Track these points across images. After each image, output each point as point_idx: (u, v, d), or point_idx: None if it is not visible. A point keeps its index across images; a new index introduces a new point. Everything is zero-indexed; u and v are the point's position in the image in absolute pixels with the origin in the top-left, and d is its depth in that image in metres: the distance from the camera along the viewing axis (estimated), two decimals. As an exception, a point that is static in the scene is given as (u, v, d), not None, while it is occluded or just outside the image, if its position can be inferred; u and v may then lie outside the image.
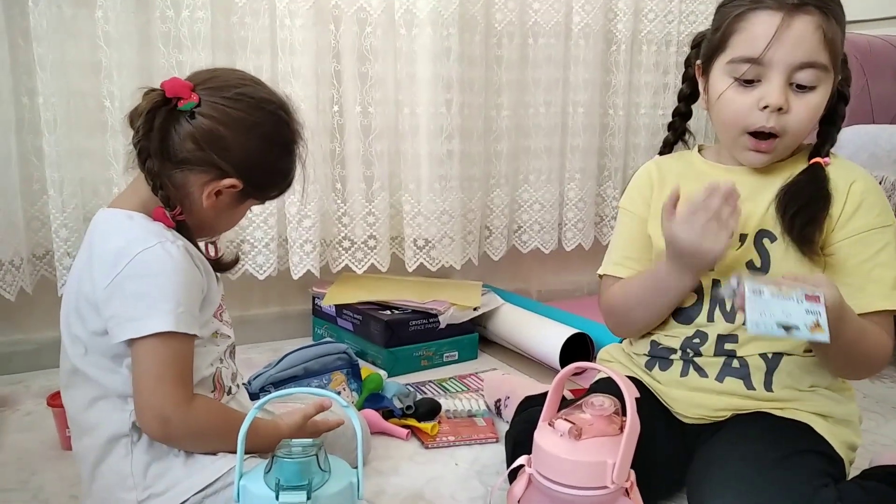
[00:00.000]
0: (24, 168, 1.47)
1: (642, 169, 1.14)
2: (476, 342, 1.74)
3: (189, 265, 0.86)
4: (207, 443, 0.88)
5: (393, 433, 1.27)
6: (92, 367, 0.88)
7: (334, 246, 1.77)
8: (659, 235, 1.04)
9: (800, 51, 0.91)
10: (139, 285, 0.83)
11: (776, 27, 0.90)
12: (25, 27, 1.40)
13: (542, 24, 1.88)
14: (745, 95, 0.95)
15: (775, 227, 0.97)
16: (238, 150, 0.88)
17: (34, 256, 1.52)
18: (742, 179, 1.00)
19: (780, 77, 0.92)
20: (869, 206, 0.95)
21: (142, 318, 0.83)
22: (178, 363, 0.85)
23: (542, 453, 0.82)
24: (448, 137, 1.76)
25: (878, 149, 1.55)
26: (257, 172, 0.91)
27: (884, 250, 0.95)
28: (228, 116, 0.87)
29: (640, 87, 2.06)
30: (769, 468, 0.88)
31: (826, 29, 0.90)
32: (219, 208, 0.92)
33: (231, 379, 0.96)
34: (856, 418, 1.02)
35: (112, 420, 0.87)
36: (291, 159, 0.95)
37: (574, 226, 2.05)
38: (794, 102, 0.93)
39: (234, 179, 0.89)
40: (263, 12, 1.59)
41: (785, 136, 0.95)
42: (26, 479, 1.11)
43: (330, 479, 0.76)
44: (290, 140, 0.94)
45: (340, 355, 1.38)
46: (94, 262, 0.87)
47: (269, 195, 0.98)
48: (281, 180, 0.96)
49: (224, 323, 0.96)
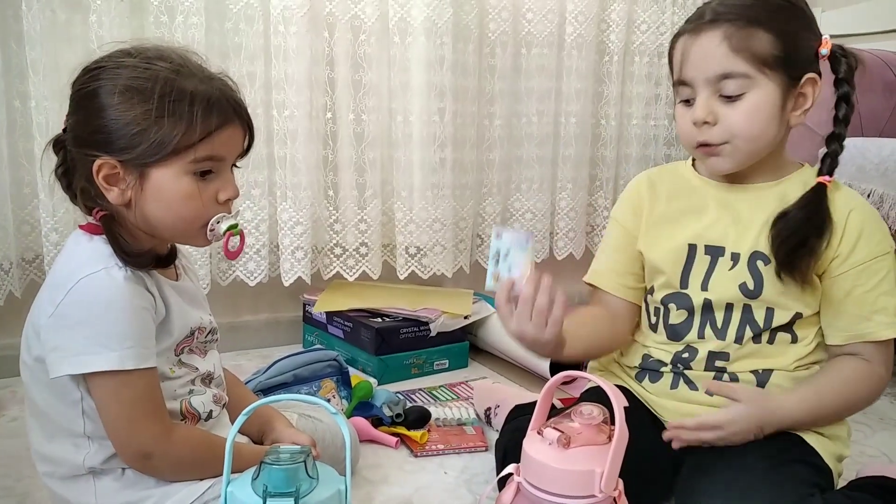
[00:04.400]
0: (14, 171, 1.46)
1: (634, 181, 1.14)
2: (466, 350, 1.74)
3: (137, 292, 0.81)
4: (192, 471, 0.86)
5: (382, 441, 1.26)
6: (39, 398, 0.85)
7: (326, 253, 1.77)
8: (649, 251, 1.05)
9: (709, 65, 0.93)
10: (82, 316, 0.78)
11: (684, 48, 0.95)
12: (19, 31, 1.40)
13: (536, 35, 1.90)
14: (685, 115, 0.98)
15: (769, 249, 0.97)
16: (88, 124, 0.81)
17: (24, 260, 1.51)
18: (736, 196, 1.01)
19: (703, 92, 0.94)
20: (869, 235, 0.96)
21: (82, 354, 0.78)
22: (147, 399, 0.81)
23: (530, 461, 0.81)
24: (441, 146, 1.77)
25: (867, 161, 1.56)
26: (109, 136, 0.80)
27: (885, 279, 0.96)
28: (74, 96, 0.83)
29: (632, 97, 2.07)
30: (757, 477, 0.88)
31: (734, 39, 0.91)
32: (134, 196, 0.82)
33: (210, 403, 0.91)
34: (845, 432, 1.02)
35: (68, 460, 0.85)
36: (133, 106, 0.80)
37: (565, 235, 2.05)
38: (724, 112, 0.94)
39: (105, 157, 0.80)
40: (257, 18, 1.59)
41: (733, 140, 0.95)
42: (11, 486, 1.10)
43: (318, 486, 0.76)
44: (123, 88, 0.80)
45: (330, 362, 1.37)
46: (45, 286, 0.83)
47: (152, 156, 0.80)
48: (139, 133, 0.79)
49: (194, 354, 0.91)
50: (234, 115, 0.85)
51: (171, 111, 0.80)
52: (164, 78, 0.80)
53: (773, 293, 0.97)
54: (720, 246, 1.00)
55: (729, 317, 0.99)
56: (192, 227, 0.85)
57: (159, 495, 0.84)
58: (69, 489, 0.86)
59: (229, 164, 0.87)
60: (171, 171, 0.81)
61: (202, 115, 0.80)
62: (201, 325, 0.92)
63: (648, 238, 1.07)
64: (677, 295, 1.03)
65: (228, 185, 0.86)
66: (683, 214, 1.04)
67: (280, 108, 1.63)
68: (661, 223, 1.06)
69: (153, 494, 0.85)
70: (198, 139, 0.81)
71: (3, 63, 1.40)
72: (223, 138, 0.83)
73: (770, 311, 0.98)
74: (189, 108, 0.80)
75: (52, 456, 0.86)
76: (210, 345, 0.95)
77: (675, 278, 1.03)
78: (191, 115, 0.80)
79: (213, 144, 0.82)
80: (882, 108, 1.82)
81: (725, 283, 0.99)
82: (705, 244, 1.01)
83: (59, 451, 0.85)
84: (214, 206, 0.85)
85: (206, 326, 0.93)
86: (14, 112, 1.44)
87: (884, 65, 1.85)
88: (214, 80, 0.84)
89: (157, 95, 0.79)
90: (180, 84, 0.80)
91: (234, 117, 0.85)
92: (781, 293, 0.96)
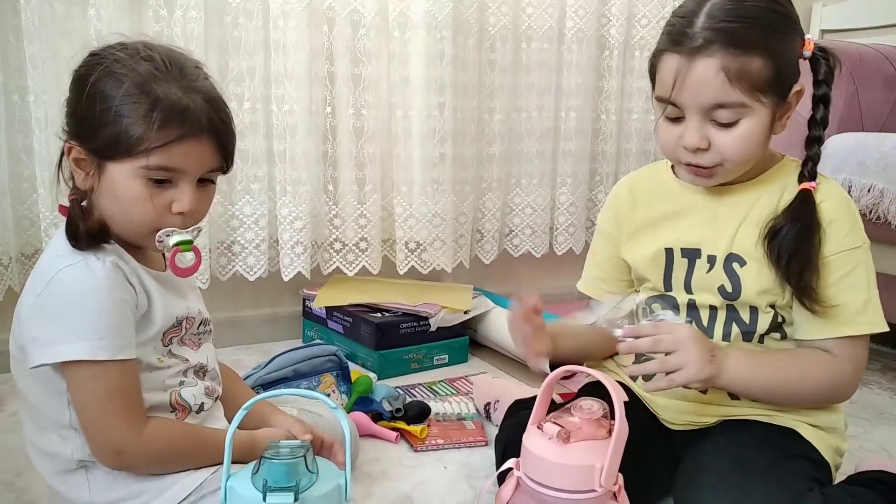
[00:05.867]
0: (13, 166, 1.46)
1: (616, 188, 1.14)
2: (466, 345, 1.74)
3: (116, 283, 0.81)
4: (171, 465, 0.85)
5: (382, 436, 1.26)
6: (27, 389, 0.85)
7: (325, 248, 1.77)
8: (632, 258, 1.06)
9: (704, 95, 0.89)
10: (58, 307, 0.79)
11: (677, 72, 0.89)
12: (17, 25, 1.39)
13: (536, 29, 1.89)
14: (671, 130, 0.94)
15: (744, 251, 0.96)
16: (69, 105, 0.83)
17: (23, 255, 1.51)
18: (712, 198, 1.00)
19: (696, 118, 0.90)
20: (836, 229, 0.93)
21: (57, 343, 0.78)
22: (119, 393, 0.80)
23: (530, 456, 0.82)
24: (440, 140, 1.77)
25: (867, 156, 1.56)
26: (79, 122, 0.82)
27: (850, 275, 0.93)
28: (72, 75, 0.83)
29: (633, 92, 2.07)
30: (756, 473, 0.88)
31: (731, 67, 0.86)
32: (94, 185, 0.82)
33: (202, 396, 0.91)
34: (842, 424, 1.02)
35: (58, 454, 0.85)
36: (102, 100, 0.79)
37: (565, 230, 2.05)
38: (718, 137, 0.91)
39: (73, 141, 0.82)
40: (257, 13, 1.59)
41: (724, 163, 0.93)
42: (11, 480, 1.10)
43: (318, 480, 0.76)
44: (97, 80, 0.80)
45: (330, 357, 1.37)
46: (30, 277, 0.84)
47: (106, 150, 0.80)
48: (99, 126, 0.80)
49: (186, 345, 0.91)
50: (203, 131, 0.81)
51: (130, 112, 0.78)
52: (137, 78, 0.79)
53: (752, 294, 0.96)
54: (696, 248, 1.00)
55: (714, 315, 1.00)
56: (140, 229, 0.84)
57: (154, 489, 0.84)
58: (63, 483, 0.86)
59: (192, 178, 0.83)
60: (124, 170, 0.80)
61: (161, 121, 0.78)
62: (188, 314, 0.91)
63: (630, 245, 1.08)
64: (663, 297, 1.04)
65: (185, 196, 0.82)
66: (662, 218, 1.04)
67: (279, 102, 1.63)
68: (642, 229, 1.06)
69: (148, 489, 0.84)
70: (153, 146, 0.79)
71: (2, 57, 1.40)
72: (182, 151, 0.81)
73: (754, 309, 0.98)
74: (148, 111, 0.78)
75: (44, 449, 0.86)
76: (204, 336, 0.95)
77: (659, 282, 1.04)
78: (148, 120, 0.78)
79: (168, 155, 0.80)
80: (882, 103, 1.82)
81: (704, 285, 0.99)
82: (682, 247, 1.01)
83: (49, 444, 0.85)
84: (167, 216, 0.83)
85: (196, 316, 0.92)
86: (13, 107, 1.44)
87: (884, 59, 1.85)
88: (195, 92, 0.82)
89: (122, 93, 0.78)
90: (150, 87, 0.79)
91: (202, 133, 0.82)
92: (759, 294, 0.96)
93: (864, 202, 1.53)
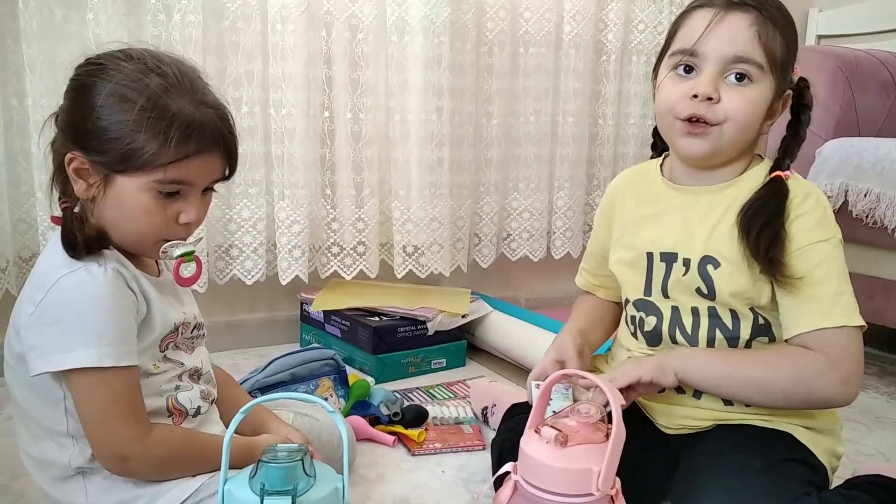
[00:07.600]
0: (11, 170, 1.46)
1: (609, 190, 1.16)
2: (464, 349, 1.74)
3: (118, 290, 0.80)
4: (173, 472, 0.85)
5: (379, 440, 1.26)
6: (22, 398, 0.85)
7: (323, 252, 1.77)
8: (615, 265, 1.08)
9: (732, 45, 0.92)
10: (61, 314, 0.78)
11: (709, 21, 0.93)
12: (15, 28, 1.40)
13: (533, 34, 1.90)
14: (679, 85, 0.95)
15: (719, 252, 0.96)
16: (71, 115, 0.82)
17: (20, 259, 1.51)
18: (690, 200, 1.01)
19: (713, 68, 0.93)
20: (804, 220, 0.93)
21: (61, 351, 0.77)
22: (124, 399, 0.80)
23: (527, 460, 0.82)
24: (438, 145, 1.77)
25: (863, 161, 1.57)
26: (85, 133, 0.80)
27: (819, 266, 0.92)
28: (70, 83, 0.83)
29: (630, 97, 2.08)
30: (752, 477, 0.88)
31: (761, 29, 0.92)
32: (97, 196, 0.81)
33: (198, 399, 0.91)
34: (837, 426, 1.02)
35: (55, 462, 0.84)
36: (114, 113, 0.79)
37: (563, 234, 2.06)
38: (728, 93, 0.93)
39: (77, 152, 0.80)
40: (255, 17, 1.59)
41: (724, 124, 0.94)
42: (7, 484, 1.10)
43: (315, 484, 0.76)
44: (109, 93, 0.79)
45: (328, 361, 1.37)
46: (27, 284, 0.83)
47: (119, 164, 0.80)
48: (112, 140, 0.79)
49: (180, 349, 0.91)
50: (215, 145, 0.83)
51: (147, 127, 0.78)
52: (152, 92, 0.79)
53: (725, 295, 0.96)
54: (673, 252, 1.01)
55: (697, 321, 1.00)
56: (145, 240, 0.84)
57: (151, 494, 0.84)
58: (60, 490, 0.86)
59: (199, 189, 0.85)
60: (135, 183, 0.80)
61: (179, 138, 0.79)
62: (185, 320, 0.91)
63: (615, 250, 1.09)
64: (644, 303, 1.04)
65: (192, 208, 0.84)
66: (645, 221, 1.05)
67: (277, 106, 1.63)
68: (629, 231, 1.07)
69: (144, 493, 0.84)
70: (169, 161, 0.79)
71: (0, 61, 1.40)
72: (197, 165, 0.82)
73: (735, 313, 0.98)
74: (167, 128, 0.78)
75: (40, 458, 0.86)
76: (197, 340, 0.95)
77: (640, 286, 1.04)
78: (166, 136, 0.78)
79: (184, 169, 0.81)
80: (878, 108, 1.83)
81: (681, 288, 1.00)
82: (660, 251, 1.02)
83: (45, 453, 0.85)
84: (173, 226, 0.84)
85: (191, 322, 0.92)
86: (10, 110, 1.44)
87: (880, 64, 1.86)
88: (206, 106, 0.82)
89: (138, 108, 0.78)
90: (165, 102, 0.79)
91: (214, 147, 0.83)
92: (732, 294, 0.96)
93: (860, 207, 1.54)
